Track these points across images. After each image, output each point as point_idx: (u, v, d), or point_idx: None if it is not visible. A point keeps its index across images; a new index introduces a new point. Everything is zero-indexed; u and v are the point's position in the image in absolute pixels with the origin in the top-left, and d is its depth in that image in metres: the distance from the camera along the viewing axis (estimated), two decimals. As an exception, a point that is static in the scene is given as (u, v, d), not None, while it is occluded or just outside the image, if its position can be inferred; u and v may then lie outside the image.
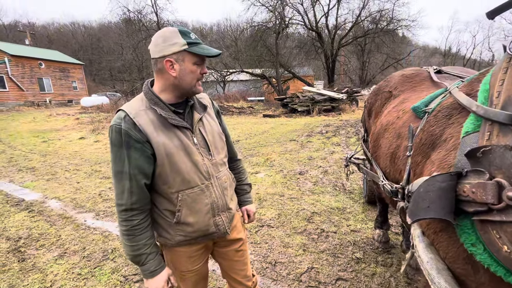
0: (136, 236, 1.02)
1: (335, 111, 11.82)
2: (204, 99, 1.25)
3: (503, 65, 0.72)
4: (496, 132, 0.64)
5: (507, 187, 0.57)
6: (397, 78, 1.88)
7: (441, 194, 0.67)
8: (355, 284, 2.21)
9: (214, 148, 1.17)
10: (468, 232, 0.67)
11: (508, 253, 0.58)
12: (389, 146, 1.37)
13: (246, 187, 1.47)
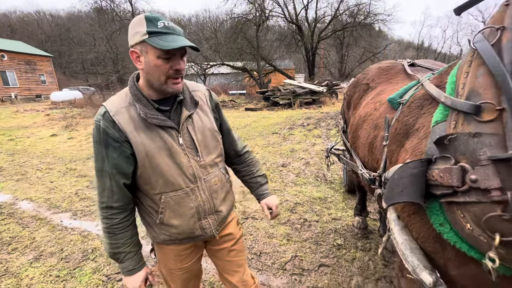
0: (116, 234, 1.02)
1: (316, 104, 12.04)
2: (198, 92, 1.13)
3: (467, 59, 0.77)
4: (461, 121, 0.69)
5: (470, 170, 0.62)
6: (374, 70, 1.95)
7: (413, 179, 0.72)
8: (337, 269, 2.31)
9: (203, 149, 1.08)
10: (437, 214, 0.73)
11: (470, 231, 0.64)
12: (367, 136, 1.43)
13: (260, 179, 1.35)
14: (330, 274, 2.26)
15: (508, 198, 0.56)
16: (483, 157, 0.61)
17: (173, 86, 0.96)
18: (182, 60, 0.95)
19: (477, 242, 0.64)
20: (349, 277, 2.21)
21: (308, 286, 2.15)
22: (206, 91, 1.18)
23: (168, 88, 0.95)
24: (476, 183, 0.61)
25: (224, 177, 1.19)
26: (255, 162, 1.37)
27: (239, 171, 1.36)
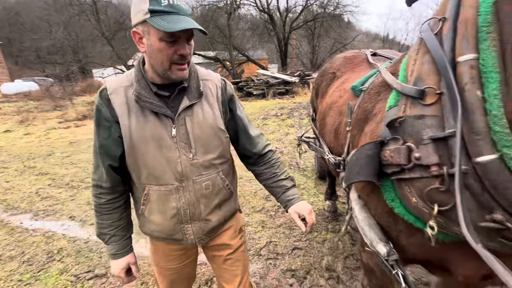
0: (103, 214, 1.02)
1: (289, 94, 12.20)
2: (208, 82, 1.02)
3: (416, 47, 0.84)
4: (409, 105, 0.75)
5: (414, 149, 0.69)
6: (339, 60, 2.02)
7: (368, 160, 0.79)
8: (309, 251, 2.43)
9: (199, 146, 0.96)
10: (389, 190, 0.80)
11: (416, 204, 0.72)
12: (333, 123, 1.50)
13: (285, 182, 1.15)
14: (303, 256, 2.38)
15: (444, 172, 0.63)
16: (425, 137, 0.67)
17: (177, 72, 0.88)
18: (189, 44, 0.87)
19: (421, 213, 0.72)
20: (320, 258, 2.34)
21: (282, 269, 2.24)
22: (220, 81, 1.05)
23: (172, 74, 0.88)
24: (419, 161, 0.67)
25: (222, 182, 1.05)
26: (279, 163, 1.18)
27: (260, 173, 1.18)
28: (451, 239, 0.75)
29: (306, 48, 24.93)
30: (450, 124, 0.65)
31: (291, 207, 1.13)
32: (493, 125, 0.58)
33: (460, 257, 0.79)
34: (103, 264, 2.32)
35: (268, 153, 1.18)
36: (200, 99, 0.97)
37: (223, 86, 1.06)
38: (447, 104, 0.66)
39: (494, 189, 0.58)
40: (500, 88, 0.59)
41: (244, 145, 1.14)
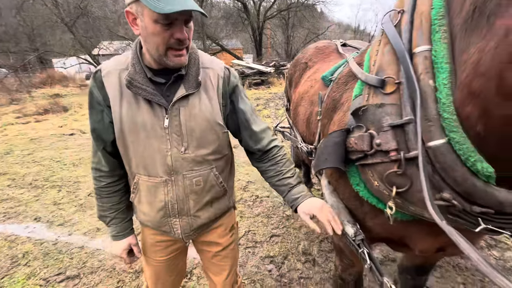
0: (103, 197, 1.03)
1: (265, 85, 12.20)
2: (210, 71, 0.95)
3: (378, 38, 0.88)
4: (371, 94, 0.80)
5: (375, 136, 0.74)
6: (311, 50, 2.05)
7: (335, 147, 0.83)
8: (286, 238, 2.52)
9: (192, 139, 0.91)
10: (354, 176, 0.85)
11: (377, 187, 0.77)
12: (305, 112, 1.54)
13: (291, 180, 1.07)
14: (280, 242, 2.46)
15: (401, 157, 0.69)
16: (385, 124, 0.72)
17: (174, 59, 0.81)
18: (187, 27, 0.80)
19: (381, 195, 0.78)
20: (297, 243, 2.43)
21: (261, 256, 2.30)
22: (222, 71, 0.97)
23: (169, 60, 0.81)
24: (379, 147, 0.72)
25: (216, 179, 1.00)
26: (285, 160, 1.09)
27: (264, 171, 1.11)
28: (408, 218, 0.82)
29: (281, 38, 24.91)
30: (407, 112, 0.69)
31: (298, 206, 1.03)
32: (443, 112, 0.63)
33: (417, 234, 0.87)
34: (74, 265, 2.22)
35: (273, 149, 1.09)
36: (198, 89, 0.90)
37: (226, 77, 0.98)
38: (405, 93, 0.71)
39: (443, 170, 0.63)
40: (449, 78, 0.64)
41: (246, 141, 1.07)
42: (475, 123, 0.61)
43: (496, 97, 0.56)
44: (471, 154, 0.60)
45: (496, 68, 0.55)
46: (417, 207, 0.71)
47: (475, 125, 0.61)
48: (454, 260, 2.11)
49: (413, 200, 0.71)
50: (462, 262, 2.09)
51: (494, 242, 2.28)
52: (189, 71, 0.90)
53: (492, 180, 0.61)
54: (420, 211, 0.72)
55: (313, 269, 2.14)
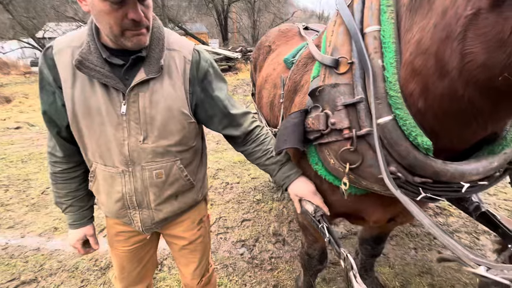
0: (58, 183, 0.98)
1: (232, 71, 11.97)
2: (175, 53, 0.85)
3: (334, 19, 0.89)
4: (327, 74, 0.81)
5: (330, 116, 0.76)
6: (274, 33, 2.04)
7: (294, 128, 0.84)
8: (257, 221, 2.57)
9: (152, 129, 0.84)
10: (313, 155, 0.88)
11: (333, 164, 0.81)
12: (268, 96, 1.54)
13: (279, 157, 1.02)
14: (251, 226, 2.51)
15: (353, 134, 0.72)
16: (339, 104, 0.75)
17: (133, 38, 0.73)
18: (144, 5, 0.71)
19: (337, 172, 0.82)
20: (267, 225, 2.50)
21: (232, 241, 2.33)
22: (191, 53, 0.87)
23: (127, 41, 0.73)
24: (334, 125, 0.75)
25: (180, 172, 0.93)
26: (269, 138, 1.05)
27: (250, 153, 1.06)
28: (361, 192, 0.87)
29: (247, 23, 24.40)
30: (358, 91, 0.72)
31: (290, 186, 1.01)
32: (389, 90, 0.67)
33: (370, 206, 0.94)
34: (30, 269, 2.05)
35: (255, 129, 1.05)
36: (160, 73, 0.82)
37: (195, 61, 0.88)
38: (357, 73, 0.73)
39: (389, 145, 0.68)
40: (395, 57, 0.67)
41: (227, 128, 1.00)
42: (417, 100, 0.65)
43: (434, 74, 0.60)
44: (413, 129, 0.65)
45: (434, 46, 0.59)
46: (368, 181, 0.76)
47: (417, 101, 0.65)
48: (407, 228, 2.34)
49: (364, 175, 0.75)
50: (414, 229, 2.33)
51: (439, 210, 2.57)
52: (150, 53, 0.81)
53: (431, 153, 0.66)
54: (370, 185, 0.77)
55: (283, 248, 2.23)
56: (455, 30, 0.54)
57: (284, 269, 2.02)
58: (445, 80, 0.59)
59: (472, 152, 0.71)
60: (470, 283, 1.81)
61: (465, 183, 0.66)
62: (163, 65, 0.82)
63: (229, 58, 12.28)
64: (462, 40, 0.54)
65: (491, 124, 0.62)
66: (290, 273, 1.97)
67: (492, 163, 0.67)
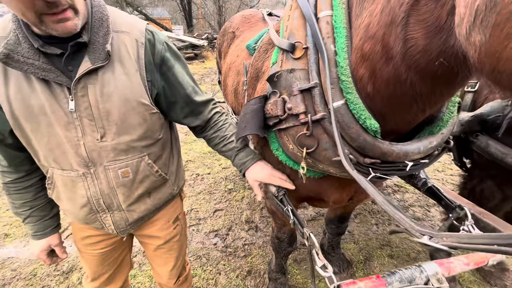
0: (11, 194, 0.90)
1: (199, 59, 11.57)
2: (124, 36, 0.75)
3: (290, 3, 0.89)
4: (284, 59, 0.81)
5: (287, 101, 0.76)
6: (238, 19, 1.98)
7: (253, 114, 0.84)
8: (229, 210, 2.58)
9: (109, 124, 0.76)
10: (274, 141, 0.89)
11: (292, 149, 0.82)
12: (233, 83, 1.51)
13: (236, 144, 0.99)
14: (224, 215, 2.51)
15: (309, 119, 0.73)
16: (295, 89, 0.75)
17: (56, 26, 0.62)
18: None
19: (296, 157, 0.84)
20: (240, 214, 2.52)
21: (205, 232, 2.32)
22: (143, 35, 0.77)
23: (50, 29, 0.62)
24: (291, 111, 0.76)
25: (150, 168, 0.86)
26: (228, 124, 1.02)
27: (209, 139, 1.03)
28: (319, 175, 0.91)
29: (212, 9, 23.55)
30: (313, 76, 0.73)
31: (246, 172, 1.00)
32: (341, 75, 0.69)
33: (329, 188, 0.99)
34: (-22, 281, 1.86)
35: (214, 115, 1.01)
36: (108, 61, 0.72)
37: (150, 43, 0.79)
38: (311, 58, 0.74)
39: (342, 129, 0.71)
40: (346, 42, 0.69)
41: (188, 117, 0.94)
42: (366, 84, 0.68)
43: (381, 60, 0.63)
44: (362, 113, 0.68)
45: (381, 31, 0.61)
46: (324, 164, 0.79)
47: (366, 86, 0.68)
48: (369, 206, 2.52)
49: (320, 158, 0.78)
50: (375, 207, 2.51)
51: (397, 188, 2.80)
52: (94, 37, 0.70)
53: (378, 135, 0.70)
54: (326, 168, 0.80)
55: (256, 235, 2.27)
56: (399, 15, 0.57)
57: (257, 254, 2.07)
58: (390, 65, 0.62)
59: (415, 133, 0.77)
60: (422, 250, 2.02)
61: (409, 162, 0.72)
62: (111, 51, 0.73)
63: (195, 46, 11.83)
64: (405, 25, 0.56)
65: (429, 106, 0.67)
66: (264, 258, 2.02)
67: (432, 143, 0.73)
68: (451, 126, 0.76)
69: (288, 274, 1.76)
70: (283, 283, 1.64)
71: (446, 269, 0.76)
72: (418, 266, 0.74)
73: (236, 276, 1.89)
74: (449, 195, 0.99)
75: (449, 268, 0.77)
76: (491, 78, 0.43)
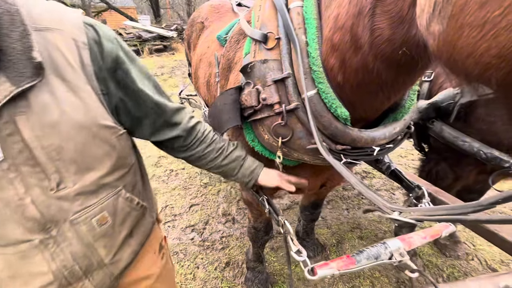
0: None
1: (168, 51, 11.11)
2: (56, 36, 0.53)
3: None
4: (257, 50, 0.82)
5: (261, 91, 0.77)
6: (206, 9, 1.93)
7: (234, 105, 0.84)
8: (206, 204, 2.57)
9: (65, 165, 0.56)
10: (249, 132, 0.90)
11: (268, 139, 0.84)
12: (204, 75, 1.48)
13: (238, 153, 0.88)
14: (200, 210, 2.49)
15: (283, 109, 0.75)
16: (269, 79, 0.76)
17: None
18: None
19: (272, 147, 0.86)
20: (216, 207, 2.52)
21: (181, 227, 2.29)
22: (82, 31, 0.56)
23: None
24: (265, 101, 0.77)
25: (129, 203, 0.69)
26: (215, 133, 0.87)
27: (201, 156, 0.84)
28: (294, 164, 0.94)
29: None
30: (286, 67, 0.75)
31: (258, 179, 0.91)
32: (312, 65, 0.71)
33: (303, 176, 1.02)
34: None
35: (197, 125, 0.83)
36: (40, 77, 0.50)
37: (94, 42, 0.58)
38: (284, 48, 0.75)
39: (315, 117, 0.73)
40: (316, 33, 0.71)
41: (162, 130, 0.76)
42: (336, 74, 0.71)
43: (350, 49, 0.66)
44: (333, 102, 0.71)
45: (349, 22, 0.63)
46: (299, 152, 0.81)
47: (337, 75, 0.71)
48: (340, 193, 2.66)
49: (295, 147, 0.80)
50: (346, 193, 2.65)
51: (365, 174, 2.97)
52: (4, 43, 0.47)
53: (349, 122, 0.74)
54: (301, 156, 0.83)
55: (233, 227, 2.29)
56: (366, 6, 0.60)
57: (235, 245, 2.09)
58: (359, 54, 0.65)
59: (381, 121, 0.82)
60: (388, 230, 2.19)
61: (376, 147, 0.77)
62: (43, 62, 0.50)
63: (163, 37, 11.33)
64: (371, 16, 0.59)
65: (393, 94, 0.72)
66: (241, 249, 2.05)
67: (396, 128, 0.78)
68: (412, 113, 0.83)
69: (265, 262, 1.80)
70: (261, 271, 1.69)
71: (407, 243, 0.84)
72: (383, 243, 0.81)
73: (215, 268, 1.90)
74: (409, 177, 1.08)
75: (409, 243, 0.84)
76: (448, 66, 0.47)
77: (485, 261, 1.92)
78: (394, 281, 1.78)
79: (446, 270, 1.85)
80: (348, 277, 1.79)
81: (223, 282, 1.81)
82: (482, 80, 0.42)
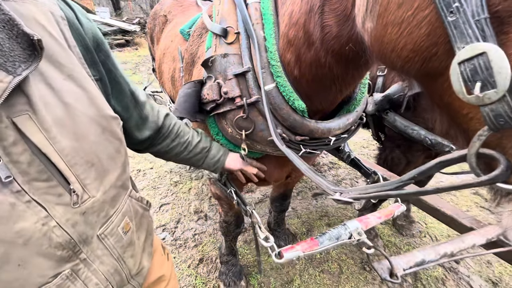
0: None
1: (131, 46, 10.52)
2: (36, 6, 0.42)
3: (220, -13, 0.89)
4: (218, 44, 0.83)
5: (223, 85, 0.79)
6: (169, 2, 1.88)
7: (186, 98, 0.84)
8: (176, 203, 2.52)
9: (86, 170, 0.47)
10: (213, 126, 0.91)
11: (231, 133, 0.86)
12: (169, 70, 1.45)
13: (202, 144, 0.85)
14: (171, 209, 2.44)
15: (244, 102, 0.77)
16: (229, 73, 0.78)
17: None
18: None
19: (236, 140, 0.88)
20: (188, 205, 2.48)
21: (151, 228, 2.22)
22: (54, 3, 0.45)
23: None
24: (227, 95, 0.78)
25: (140, 203, 0.64)
26: (181, 125, 0.82)
27: (168, 150, 0.80)
28: (258, 155, 0.97)
29: (143, -10, 21.47)
30: (246, 61, 0.77)
31: (225, 165, 0.92)
32: (271, 60, 0.74)
33: (268, 167, 1.06)
34: None
35: (166, 119, 0.78)
36: (37, 60, 0.39)
37: (71, 16, 0.48)
38: (243, 43, 0.77)
39: (275, 110, 0.77)
40: (273, 28, 0.74)
41: (136, 124, 0.68)
42: (293, 68, 0.75)
43: (304, 45, 0.70)
44: (291, 95, 0.75)
45: (302, 18, 0.67)
46: (262, 144, 0.84)
47: (293, 70, 0.75)
48: (309, 184, 2.77)
49: (257, 139, 0.83)
50: (314, 184, 2.77)
51: (332, 165, 3.13)
52: None
53: (306, 114, 0.79)
54: (264, 148, 0.86)
55: (206, 223, 2.28)
56: (316, 4, 0.63)
57: (208, 242, 2.08)
58: (312, 49, 0.69)
59: (336, 113, 0.88)
60: (353, 216, 2.34)
61: (332, 137, 0.83)
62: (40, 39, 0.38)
63: (125, 32, 10.70)
64: (321, 14, 0.64)
65: (345, 87, 0.77)
66: (215, 244, 2.05)
67: (349, 119, 0.85)
68: (363, 105, 0.90)
69: (239, 255, 1.83)
70: (234, 264, 1.71)
71: (365, 223, 0.92)
72: (343, 225, 0.87)
73: (188, 266, 1.88)
74: (367, 164, 1.17)
75: (366, 223, 0.92)
76: (380, 59, 0.53)
77: (435, 237, 2.15)
78: (358, 262, 1.92)
79: (403, 248, 2.04)
80: (318, 262, 1.89)
81: (197, 278, 1.81)
82: (405, 72, 0.47)
